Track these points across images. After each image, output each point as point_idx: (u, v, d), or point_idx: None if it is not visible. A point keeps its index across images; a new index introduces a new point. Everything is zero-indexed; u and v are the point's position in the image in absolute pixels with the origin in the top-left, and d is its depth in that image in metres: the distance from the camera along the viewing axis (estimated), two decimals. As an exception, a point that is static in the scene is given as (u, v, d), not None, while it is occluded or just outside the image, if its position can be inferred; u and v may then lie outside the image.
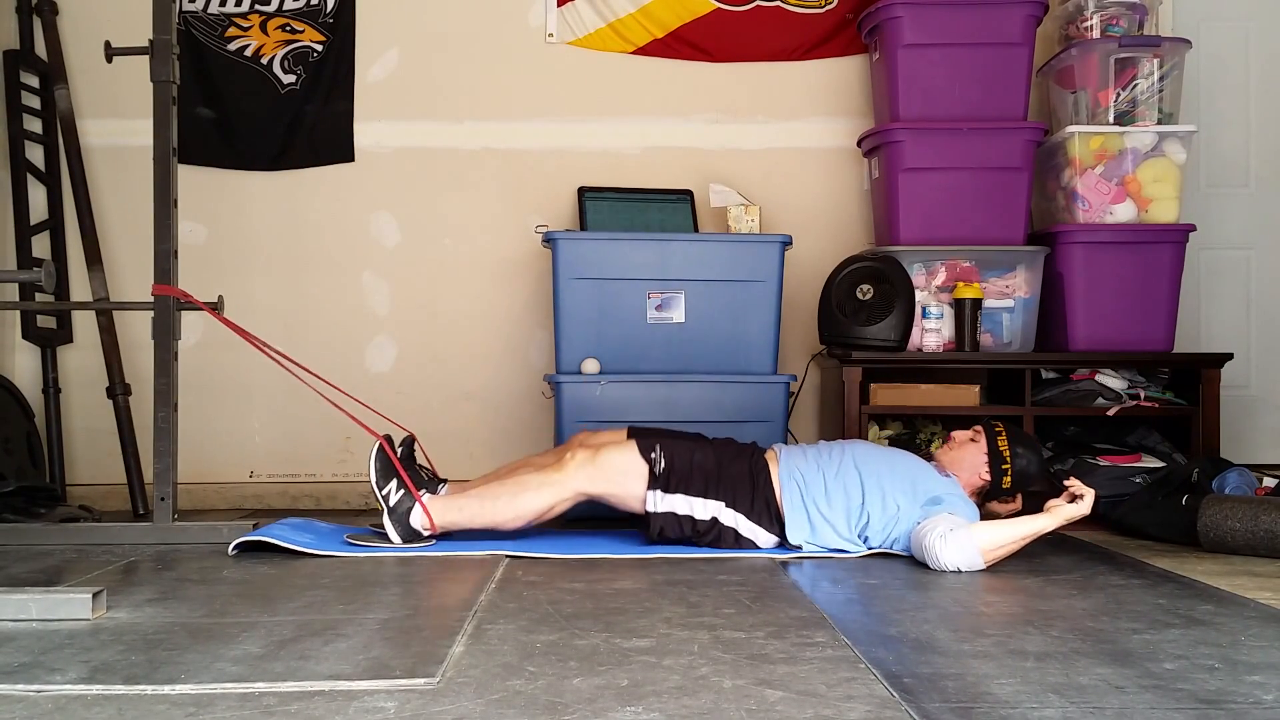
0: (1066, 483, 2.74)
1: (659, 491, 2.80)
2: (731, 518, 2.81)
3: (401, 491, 2.83)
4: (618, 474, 2.81)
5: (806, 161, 4.12)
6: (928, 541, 2.60)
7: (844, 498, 2.78)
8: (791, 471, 2.83)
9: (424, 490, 2.88)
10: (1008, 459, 2.82)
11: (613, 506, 2.88)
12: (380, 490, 2.82)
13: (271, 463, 4.01)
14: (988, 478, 2.84)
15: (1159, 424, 3.72)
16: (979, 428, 2.91)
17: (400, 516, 2.82)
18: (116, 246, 3.98)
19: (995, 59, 3.73)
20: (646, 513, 2.82)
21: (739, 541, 2.82)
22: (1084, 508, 2.67)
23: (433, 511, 2.81)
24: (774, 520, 2.82)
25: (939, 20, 3.71)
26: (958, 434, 2.93)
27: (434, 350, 4.05)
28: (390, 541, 2.81)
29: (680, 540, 2.84)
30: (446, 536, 2.88)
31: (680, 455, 2.84)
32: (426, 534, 2.83)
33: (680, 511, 2.80)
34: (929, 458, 2.96)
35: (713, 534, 2.82)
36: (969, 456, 2.86)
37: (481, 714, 1.49)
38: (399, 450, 2.91)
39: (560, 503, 2.83)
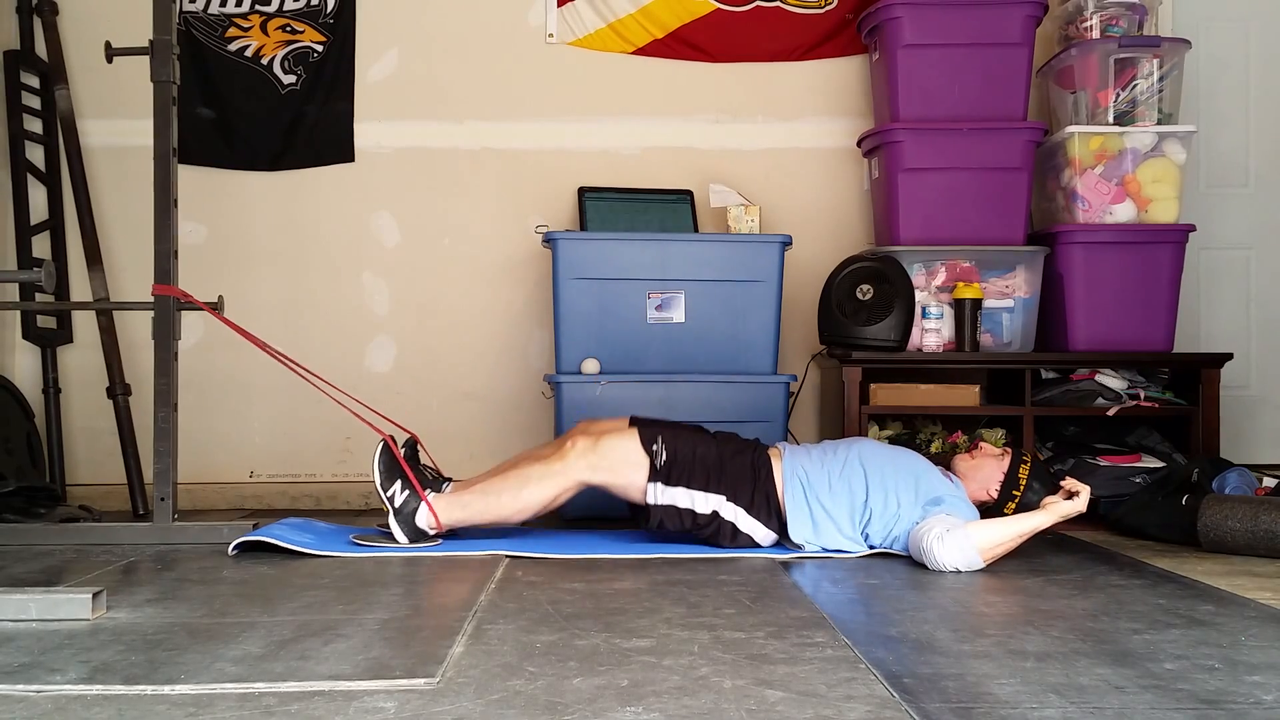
0: (1063, 481, 2.75)
1: (660, 484, 2.79)
2: (732, 512, 2.80)
3: (407, 492, 2.82)
4: (619, 463, 2.80)
5: (806, 161, 4.12)
6: (925, 543, 2.60)
7: (848, 495, 2.78)
8: (795, 468, 2.83)
9: (429, 489, 2.88)
10: (1020, 489, 2.80)
11: (613, 495, 2.87)
12: (385, 491, 2.82)
13: (271, 463, 4.01)
14: (994, 496, 2.82)
15: (1159, 424, 3.72)
16: (1009, 449, 2.89)
17: (406, 517, 2.81)
18: (116, 246, 3.98)
19: (995, 59, 3.73)
20: (646, 504, 2.81)
21: (737, 538, 2.82)
22: (1080, 505, 2.67)
23: (438, 510, 2.81)
24: (774, 516, 2.82)
25: (939, 20, 3.71)
26: (987, 447, 2.91)
27: (434, 350, 4.05)
28: (396, 542, 2.81)
29: (679, 533, 2.84)
30: (452, 535, 2.88)
31: (683, 448, 2.83)
32: (433, 533, 2.83)
33: (681, 505, 2.80)
34: (940, 460, 2.95)
35: (712, 528, 2.82)
36: (986, 470, 2.85)
37: (481, 714, 1.49)
38: (402, 450, 2.91)
39: (563, 492, 2.82)
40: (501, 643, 1.88)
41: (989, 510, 2.84)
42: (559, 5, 4.07)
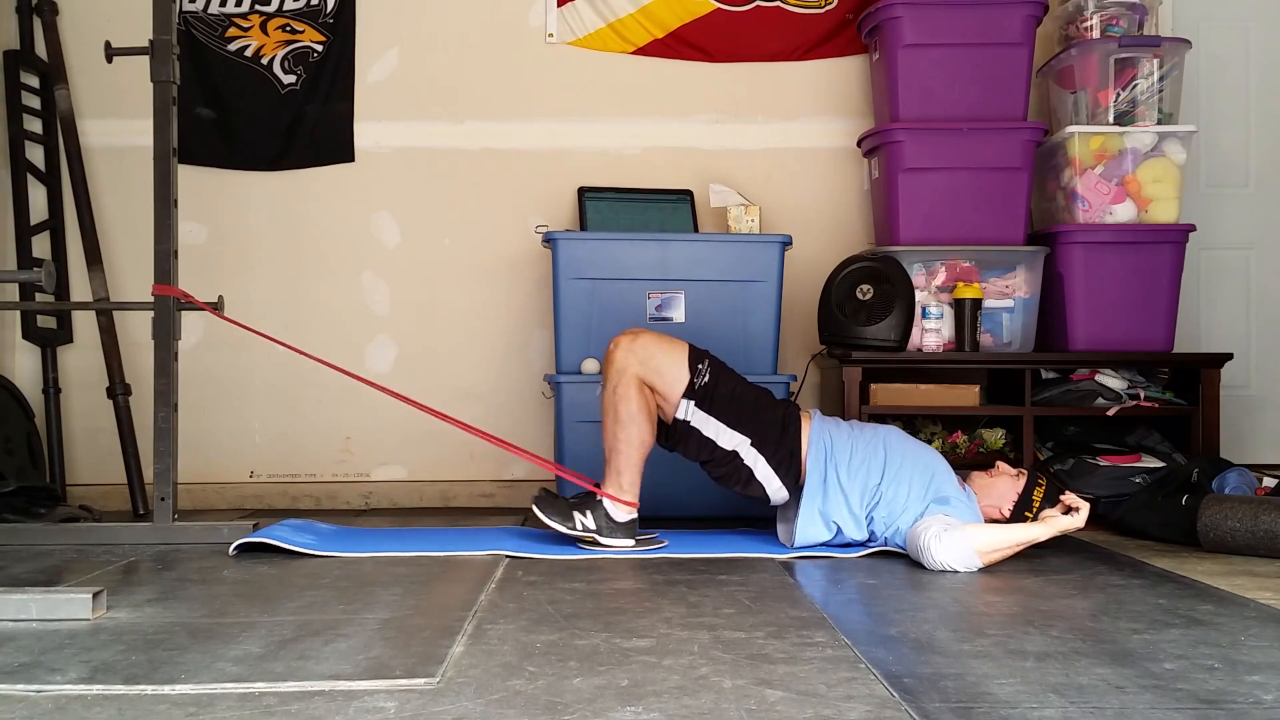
0: (1063, 496, 2.75)
1: (692, 403, 2.81)
2: (753, 457, 2.82)
3: (587, 510, 2.83)
4: (664, 365, 2.81)
5: (806, 161, 4.12)
6: (923, 540, 2.60)
7: (864, 473, 2.79)
8: (822, 433, 2.85)
9: (580, 496, 2.89)
10: (1033, 511, 2.79)
11: (659, 404, 2.85)
12: (575, 529, 2.82)
13: (271, 463, 4.01)
14: (1006, 516, 2.81)
15: (1159, 424, 3.72)
16: (1024, 471, 2.89)
17: (609, 527, 2.82)
18: (116, 246, 3.98)
19: (995, 59, 3.73)
20: (674, 419, 2.83)
21: (749, 485, 2.84)
22: (1078, 521, 2.69)
23: (614, 493, 2.82)
24: (791, 472, 2.83)
25: (939, 20, 3.71)
26: (1004, 466, 2.90)
27: (434, 350, 4.05)
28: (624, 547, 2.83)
29: (694, 460, 2.87)
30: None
31: (725, 379, 2.86)
32: (633, 516, 2.84)
33: (706, 432, 2.82)
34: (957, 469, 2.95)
35: (728, 467, 2.83)
36: (1001, 488, 2.84)
37: (481, 714, 1.49)
38: (541, 493, 2.91)
39: (640, 390, 2.80)
40: (501, 643, 1.88)
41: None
42: (559, 5, 4.07)
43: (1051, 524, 2.68)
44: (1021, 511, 2.80)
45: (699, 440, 2.83)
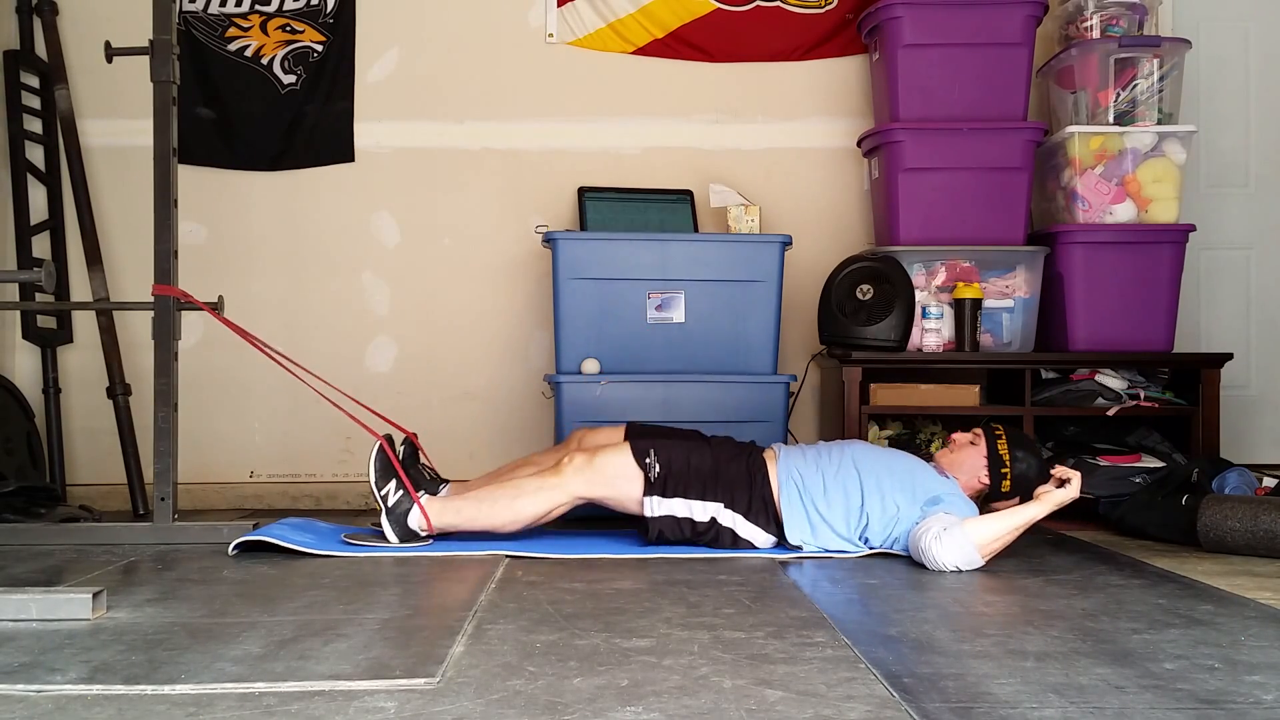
0: (1053, 470, 2.75)
1: (656, 496, 2.80)
2: (730, 518, 2.81)
3: (400, 492, 2.83)
4: (615, 478, 2.82)
5: (806, 161, 4.12)
6: (923, 543, 2.60)
7: (843, 498, 2.78)
8: (790, 471, 2.83)
9: (423, 491, 2.89)
10: (1007, 463, 2.81)
11: (611, 509, 2.88)
12: (379, 490, 2.83)
13: (271, 463, 4.01)
14: (987, 481, 2.83)
15: (1159, 424, 3.72)
16: (978, 430, 2.90)
17: (398, 517, 2.82)
18: (116, 246, 3.98)
19: (995, 59, 3.73)
20: (644, 516, 2.82)
21: (737, 542, 2.83)
22: (1073, 492, 2.68)
23: (430, 513, 2.82)
24: (771, 520, 2.82)
25: (939, 20, 3.71)
26: (958, 436, 2.92)
27: (434, 350, 4.05)
28: (387, 541, 2.81)
29: (680, 541, 2.84)
30: (444, 537, 2.88)
31: (677, 458, 2.83)
32: (424, 535, 2.84)
33: (679, 514, 2.81)
34: (929, 459, 2.96)
35: (711, 534, 2.82)
36: (968, 460, 2.86)
37: (481, 714, 1.49)
38: (400, 451, 2.91)
39: (558, 506, 2.84)
40: (501, 642, 1.88)
41: (988, 494, 2.85)
42: (559, 5, 4.06)
43: (1047, 500, 2.67)
44: (998, 470, 2.81)
45: (676, 523, 2.82)
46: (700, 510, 2.81)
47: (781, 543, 2.83)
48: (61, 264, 3.91)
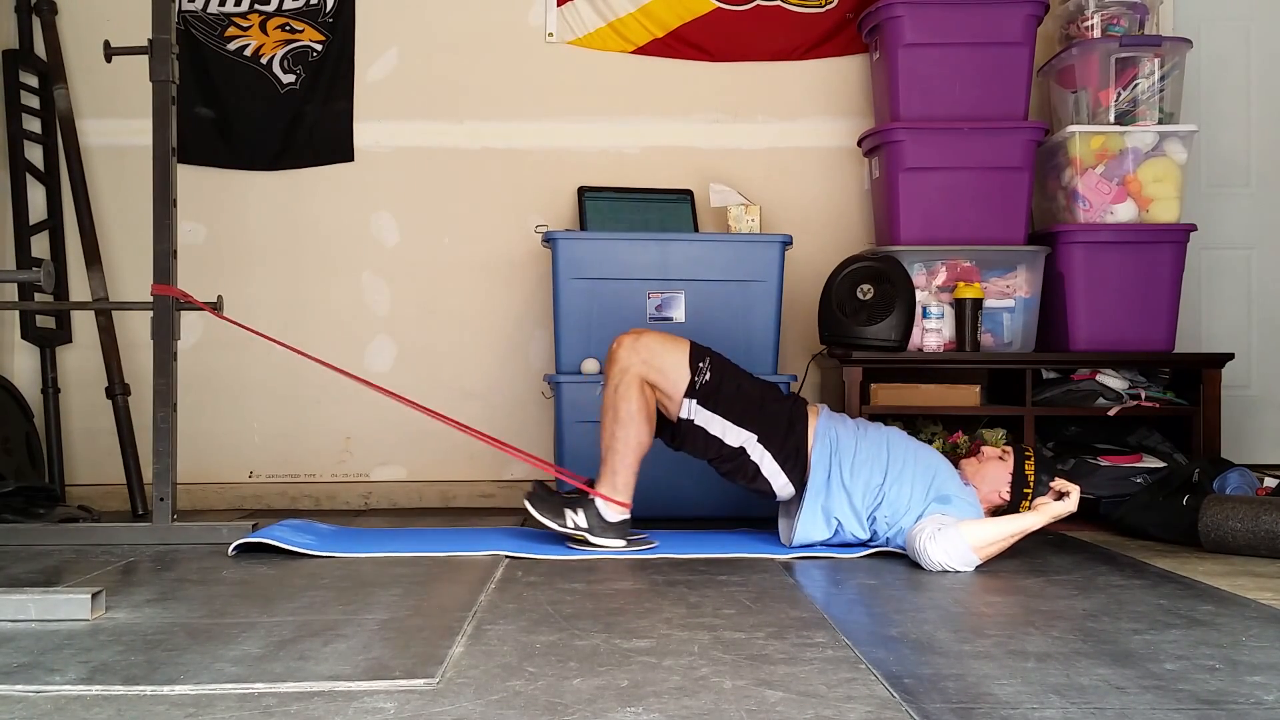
0: (1052, 482, 2.75)
1: (694, 402, 2.80)
2: (759, 453, 2.82)
3: (580, 509, 2.81)
4: (665, 365, 2.80)
5: (806, 161, 4.12)
6: (919, 541, 2.60)
7: (868, 471, 2.79)
8: (829, 429, 2.84)
9: (574, 492, 2.88)
10: (1030, 485, 2.80)
11: (657, 400, 2.85)
12: (566, 526, 2.80)
13: (271, 463, 4.01)
14: (1007, 498, 2.82)
15: (1160, 424, 3.72)
16: (1009, 448, 2.90)
17: (601, 526, 2.80)
18: (116, 246, 3.97)
19: (996, 59, 3.73)
20: (679, 418, 2.82)
21: (755, 480, 2.83)
22: (1070, 505, 2.70)
23: (607, 492, 2.80)
24: (797, 468, 2.82)
25: (939, 20, 3.71)
26: (987, 450, 2.91)
27: (434, 350, 4.05)
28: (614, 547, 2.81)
29: (699, 457, 2.86)
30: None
31: (728, 376, 2.85)
32: (625, 517, 2.82)
33: (712, 431, 2.82)
34: (956, 464, 2.95)
35: (734, 464, 2.83)
36: (993, 473, 2.85)
37: (481, 714, 1.49)
38: (535, 488, 2.89)
39: (640, 390, 2.79)
40: (501, 643, 1.88)
41: (1004, 512, 2.83)
42: (559, 4, 4.06)
43: (1044, 512, 2.68)
44: (1020, 489, 2.80)
45: (704, 438, 2.83)
46: (734, 435, 2.81)
47: (799, 494, 2.82)
48: (60, 264, 3.91)
